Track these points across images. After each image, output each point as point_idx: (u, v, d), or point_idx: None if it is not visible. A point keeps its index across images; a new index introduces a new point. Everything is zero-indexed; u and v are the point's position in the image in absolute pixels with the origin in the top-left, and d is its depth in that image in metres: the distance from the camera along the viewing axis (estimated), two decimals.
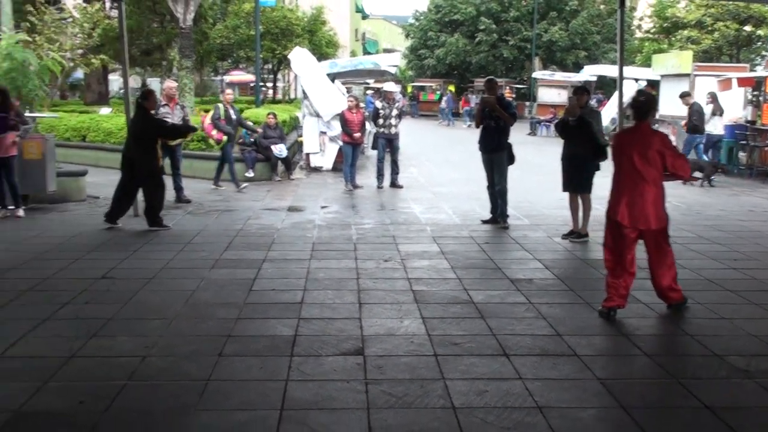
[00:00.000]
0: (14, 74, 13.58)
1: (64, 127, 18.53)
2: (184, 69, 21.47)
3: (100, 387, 4.33)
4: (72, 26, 26.12)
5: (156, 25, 32.78)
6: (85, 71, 30.20)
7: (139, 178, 9.24)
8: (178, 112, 11.59)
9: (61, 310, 5.83)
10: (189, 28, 21.38)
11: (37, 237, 8.83)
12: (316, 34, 37.52)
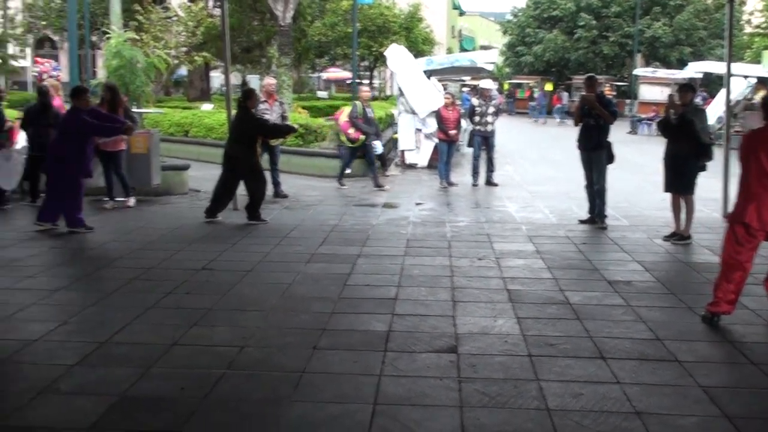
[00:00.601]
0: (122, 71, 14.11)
1: (168, 123, 19.16)
2: (282, 66, 21.86)
3: (200, 375, 4.46)
4: (177, 25, 27.00)
5: (256, 23, 33.50)
6: (189, 68, 31.15)
7: (240, 175, 9.48)
8: (277, 109, 11.80)
9: (164, 299, 6.03)
10: (288, 25, 21.74)
11: (142, 228, 9.17)
12: (412, 31, 37.60)
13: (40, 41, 48.92)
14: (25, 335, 5.13)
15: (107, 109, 10.21)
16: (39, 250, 7.93)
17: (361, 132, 12.91)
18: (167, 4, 27.34)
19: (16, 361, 4.67)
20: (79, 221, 8.78)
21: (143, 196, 11.05)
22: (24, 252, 7.76)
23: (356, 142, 13.01)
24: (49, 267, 7.30)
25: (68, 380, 4.35)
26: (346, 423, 3.88)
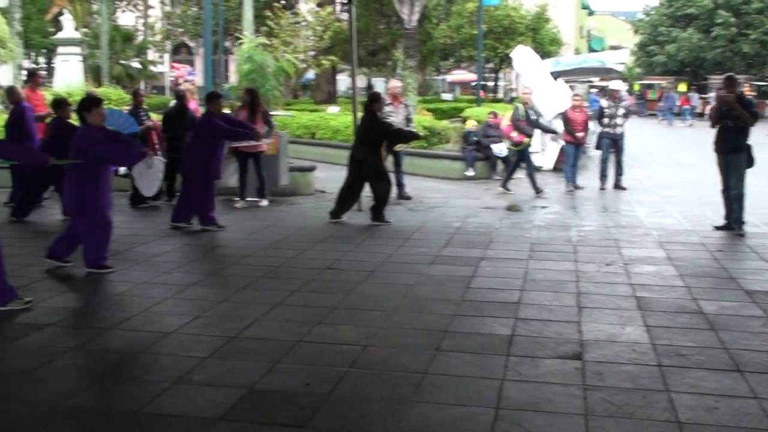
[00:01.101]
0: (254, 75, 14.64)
1: (296, 125, 19.65)
2: (408, 69, 22.00)
3: (324, 371, 4.55)
4: (305, 29, 27.67)
5: (382, 26, 33.91)
6: (316, 72, 31.90)
7: (365, 177, 9.61)
8: (402, 111, 11.89)
9: (290, 297, 6.19)
10: (413, 28, 21.86)
11: (270, 227, 9.45)
12: (539, 32, 37.04)
13: (177, 47, 51.27)
14: (162, 328, 5.39)
15: (247, 112, 10.62)
16: (174, 247, 8.31)
17: (525, 135, 12.55)
18: (297, 9, 28.05)
19: (153, 352, 4.91)
20: (211, 220, 9.14)
21: (271, 196, 11.37)
22: (161, 248, 8.16)
23: (520, 145, 12.63)
24: (184, 263, 7.64)
25: (200, 372, 4.54)
26: (469, 426, 3.86)
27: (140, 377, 4.49)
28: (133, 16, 45.20)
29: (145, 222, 9.67)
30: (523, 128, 12.51)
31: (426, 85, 43.14)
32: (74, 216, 7.11)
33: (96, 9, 38.59)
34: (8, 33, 27.87)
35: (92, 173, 6.80)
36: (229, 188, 11.45)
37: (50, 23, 41.37)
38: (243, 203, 10.94)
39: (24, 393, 4.27)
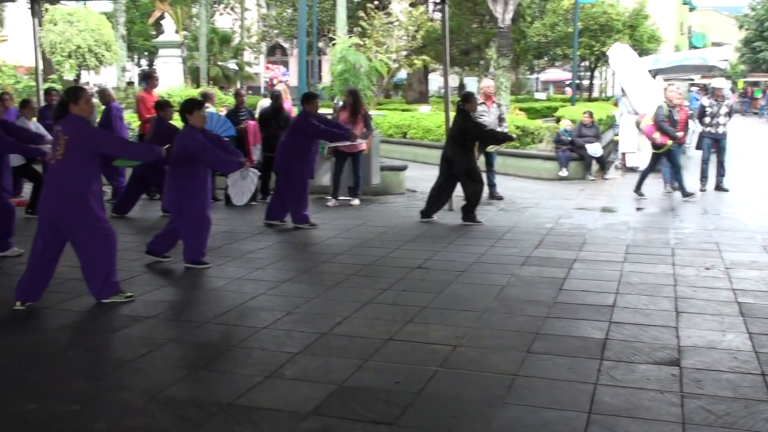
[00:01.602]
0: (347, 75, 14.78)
1: (388, 124, 19.75)
2: (501, 68, 21.81)
3: (414, 370, 4.55)
4: (398, 29, 27.77)
5: (475, 25, 33.71)
6: (408, 71, 31.97)
7: (457, 177, 9.57)
8: (495, 111, 11.78)
9: (381, 295, 6.22)
10: (507, 27, 21.65)
11: (362, 226, 9.52)
12: (637, 29, 36.03)
13: (272, 48, 52.29)
14: (255, 323, 5.51)
15: (349, 112, 10.75)
16: (268, 244, 8.48)
17: (669, 136, 11.78)
18: (389, 9, 28.18)
19: (247, 347, 5.01)
20: (304, 218, 9.28)
21: (363, 195, 11.45)
22: (255, 245, 8.33)
23: (663, 147, 11.92)
24: (277, 260, 7.78)
25: (292, 367, 4.61)
26: (561, 430, 3.79)
27: (234, 370, 4.59)
28: (230, 18, 46.36)
29: (240, 219, 9.90)
30: (667, 129, 11.76)
31: (519, 84, 42.70)
32: (174, 213, 7.33)
33: (195, 12, 39.76)
34: (113, 36, 29.02)
35: (192, 173, 7.00)
36: (322, 187, 11.61)
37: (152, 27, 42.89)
38: (335, 202, 11.07)
39: (127, 382, 4.43)
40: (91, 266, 5.91)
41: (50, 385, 4.37)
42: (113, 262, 5.99)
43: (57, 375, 4.56)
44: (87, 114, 5.96)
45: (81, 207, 5.72)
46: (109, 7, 33.99)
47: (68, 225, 5.77)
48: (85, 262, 5.91)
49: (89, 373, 4.60)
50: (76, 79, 27.65)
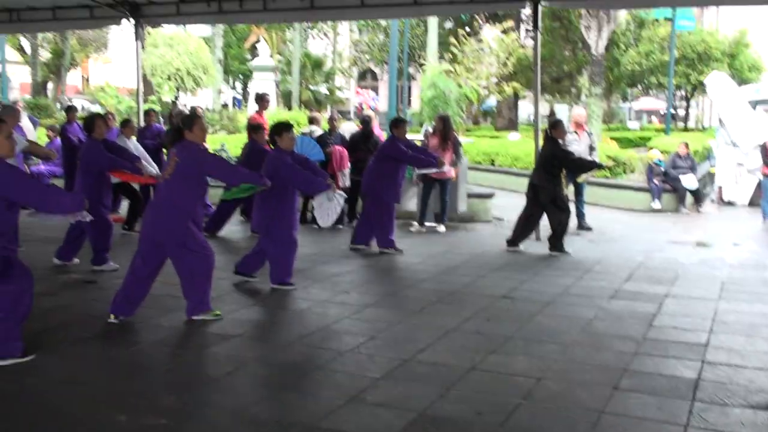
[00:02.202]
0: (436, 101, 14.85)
1: (476, 151, 19.70)
2: (593, 96, 21.51)
3: (496, 401, 4.49)
4: (488, 56, 27.76)
5: (567, 52, 33.36)
6: (498, 98, 31.86)
7: (543, 205, 9.44)
8: (585, 139, 11.61)
9: (464, 324, 6.17)
10: (601, 54, 21.37)
11: (447, 252, 9.49)
12: (737, 57, 34.96)
13: (363, 73, 52.99)
14: (339, 346, 5.55)
15: (439, 138, 10.78)
16: (352, 268, 8.54)
17: None
18: (481, 36, 28.19)
19: (330, 369, 5.05)
20: (389, 243, 9.31)
21: (449, 222, 11.43)
22: (340, 268, 8.41)
23: None
24: (361, 284, 7.82)
25: (374, 392, 4.62)
26: None
27: (317, 392, 4.63)
28: (323, 43, 47.28)
29: (326, 243, 10.01)
30: None
31: (611, 112, 41.95)
32: (262, 234, 7.48)
33: (289, 37, 40.73)
34: (210, 60, 29.97)
35: (279, 194, 7.14)
36: (408, 212, 11.65)
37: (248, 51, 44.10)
38: (420, 228, 11.08)
39: (213, 398, 4.52)
40: (189, 285, 6.10)
41: (140, 398, 4.50)
42: (209, 282, 6.15)
43: (147, 388, 4.69)
44: (200, 140, 6.20)
45: (182, 227, 5.91)
46: (207, 31, 35.16)
47: (169, 244, 5.96)
48: (184, 280, 6.10)
49: (177, 388, 4.71)
50: (174, 100, 28.63)
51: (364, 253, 9.34)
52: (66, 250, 8.30)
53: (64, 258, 8.30)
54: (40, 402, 4.46)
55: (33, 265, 8.19)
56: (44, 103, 32.63)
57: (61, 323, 6.08)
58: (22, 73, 45.37)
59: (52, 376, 4.86)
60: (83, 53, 47.58)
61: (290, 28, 38.52)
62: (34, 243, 9.43)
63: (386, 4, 10.30)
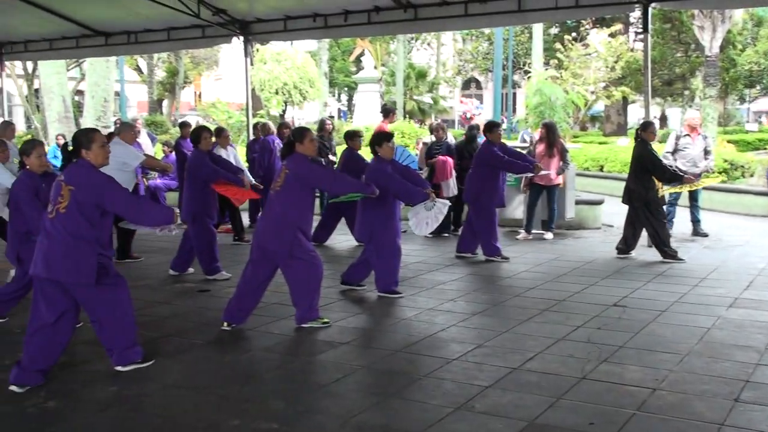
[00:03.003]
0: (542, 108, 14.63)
1: (584, 157, 19.29)
2: (707, 98, 20.73)
3: (609, 412, 4.36)
4: (596, 60, 27.18)
5: (679, 54, 32.30)
6: (606, 103, 31.13)
7: (636, 209, 9.17)
8: (700, 143, 11.17)
9: (574, 332, 6.04)
10: (715, 55, 20.58)
11: (555, 260, 9.32)
12: None
13: (467, 82, 52.85)
14: (446, 354, 5.52)
15: (545, 146, 10.63)
16: (459, 276, 8.50)
17: None
18: (587, 41, 27.64)
19: (437, 377, 5.03)
20: (495, 250, 9.22)
21: (556, 229, 11.23)
22: (447, 276, 8.38)
23: None
24: (468, 292, 7.77)
25: (482, 400, 4.57)
26: None
27: (424, 400, 4.61)
28: (427, 53, 47.43)
29: (432, 251, 10.01)
30: None
31: (727, 115, 40.31)
32: (366, 243, 7.54)
33: (393, 49, 41.06)
34: (317, 74, 30.55)
35: (381, 203, 7.19)
36: (515, 219, 11.52)
37: (353, 63, 44.73)
38: (526, 235, 10.92)
39: (321, 405, 4.58)
40: (298, 293, 6.23)
41: (251, 403, 4.61)
42: (318, 290, 6.26)
43: (257, 394, 4.80)
44: (311, 153, 6.32)
45: (291, 237, 6.04)
46: (313, 46, 35.90)
47: (279, 253, 6.10)
48: (293, 288, 6.23)
49: (287, 394, 4.80)
50: (281, 114, 29.33)
51: (470, 261, 9.28)
52: (180, 261, 8.61)
53: (178, 268, 8.62)
54: (157, 406, 4.64)
55: (150, 274, 8.62)
56: (160, 120, 34.05)
57: (176, 330, 6.31)
58: (140, 91, 47.57)
59: (168, 382, 5.05)
60: (196, 71, 49.43)
61: (394, 39, 38.84)
62: (151, 254, 9.87)
63: (490, 13, 10.23)
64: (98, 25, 12.92)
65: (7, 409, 4.59)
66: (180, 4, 10.79)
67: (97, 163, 5.04)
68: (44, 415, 4.52)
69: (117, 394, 4.83)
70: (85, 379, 5.09)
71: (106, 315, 5.07)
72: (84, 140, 5.01)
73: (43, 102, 24.65)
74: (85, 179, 4.90)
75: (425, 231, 7.61)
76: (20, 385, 4.84)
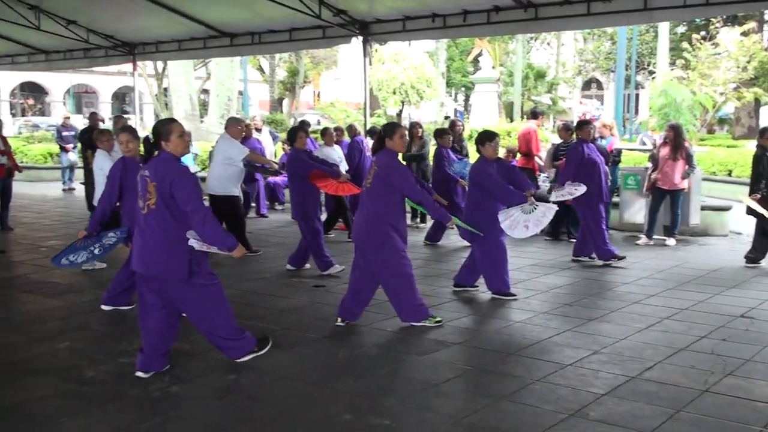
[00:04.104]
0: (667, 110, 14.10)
1: (711, 161, 18.48)
2: None
3: (733, 428, 4.16)
4: (726, 60, 26.00)
5: None
6: (736, 105, 29.75)
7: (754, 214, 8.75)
8: None
9: (697, 343, 5.80)
10: None
11: (677, 267, 8.97)
12: None
13: (587, 82, 51.65)
14: (560, 359, 5.41)
15: (669, 149, 10.26)
16: (575, 280, 8.31)
17: None
18: (717, 40, 26.47)
19: (550, 382, 4.93)
20: (608, 253, 8.98)
21: (679, 235, 10.81)
22: (562, 280, 8.22)
23: None
24: (584, 296, 7.58)
25: (597, 408, 4.45)
26: None
27: (537, 405, 4.54)
28: (546, 53, 46.64)
29: (547, 254, 9.84)
30: None
31: None
32: (472, 242, 7.49)
33: (512, 49, 40.61)
34: (434, 74, 30.59)
35: (485, 203, 7.19)
36: (635, 224, 11.18)
37: (470, 63, 44.55)
38: (647, 240, 10.56)
39: (432, 403, 4.58)
40: (390, 290, 6.28)
41: (363, 399, 4.66)
42: (411, 287, 6.24)
43: (369, 390, 4.85)
44: (400, 149, 6.33)
45: (379, 233, 6.06)
46: (431, 46, 35.94)
47: (368, 249, 6.14)
48: (384, 285, 6.28)
49: (398, 391, 4.83)
50: (398, 113, 29.53)
51: (586, 265, 9.06)
52: (297, 257, 8.80)
53: (295, 264, 8.81)
54: (272, 396, 4.76)
55: (268, 268, 8.86)
56: (280, 119, 34.92)
57: (292, 324, 6.45)
58: (261, 90, 49.00)
59: (283, 373, 5.17)
60: (315, 71, 50.45)
61: (513, 39, 38.40)
62: (269, 248, 10.13)
63: (614, 11, 9.93)
64: (224, 26, 13.37)
65: (134, 392, 4.83)
66: (302, 5, 11.02)
67: (177, 153, 5.07)
68: (168, 399, 4.73)
69: (235, 383, 4.99)
70: (206, 367, 5.28)
71: (199, 311, 5.14)
72: (163, 131, 5.05)
73: (171, 100, 25.77)
74: (164, 173, 4.91)
75: (523, 234, 7.42)
76: (145, 371, 5.07)
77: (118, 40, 15.04)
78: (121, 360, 5.45)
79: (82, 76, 47.90)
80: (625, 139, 24.71)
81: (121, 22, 13.92)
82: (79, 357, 5.57)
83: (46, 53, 16.68)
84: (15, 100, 50.91)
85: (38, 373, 5.22)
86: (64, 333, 6.21)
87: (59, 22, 13.80)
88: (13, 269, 9.07)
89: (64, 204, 16.11)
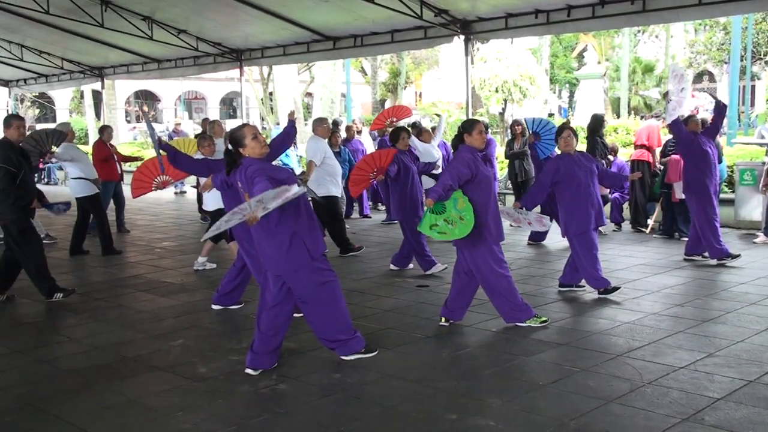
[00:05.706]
0: None
1: None
2: None
3: None
4: None
5: None
6: None
7: None
8: None
9: None
10: None
11: None
12: None
13: (699, 75, 49.70)
14: (672, 361, 5.23)
15: None
16: (687, 280, 8.02)
17: None
18: None
19: (662, 385, 4.77)
20: (720, 251, 8.61)
21: None
22: (674, 280, 7.94)
23: None
24: (697, 297, 7.29)
25: (713, 413, 4.28)
26: None
27: (648, 408, 4.40)
28: (655, 46, 45.21)
29: (658, 253, 9.53)
30: None
31: None
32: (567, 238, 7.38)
33: (618, 43, 39.59)
34: (537, 70, 30.13)
35: (569, 196, 7.12)
36: (752, 221, 10.72)
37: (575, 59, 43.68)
38: (765, 239, 10.07)
39: (539, 405, 4.51)
40: (488, 290, 6.22)
41: (468, 399, 4.63)
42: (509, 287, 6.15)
43: (474, 390, 4.82)
44: (479, 145, 6.14)
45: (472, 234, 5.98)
46: (534, 42, 35.40)
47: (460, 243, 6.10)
48: (482, 285, 6.23)
49: (504, 391, 4.77)
50: (501, 112, 29.23)
51: (699, 265, 8.72)
52: (401, 257, 8.83)
53: (399, 264, 8.84)
54: (376, 395, 4.79)
55: (371, 268, 8.95)
56: None
57: (396, 323, 6.48)
58: (364, 92, 49.47)
59: (388, 372, 5.20)
60: (417, 71, 50.53)
61: (619, 33, 37.41)
62: (372, 248, 10.23)
63: (728, 0, 9.53)
64: (327, 30, 13.58)
65: (244, 388, 4.96)
66: (403, 6, 11.07)
67: (256, 155, 5.10)
68: (275, 396, 4.84)
69: (340, 382, 5.05)
70: (312, 366, 5.37)
71: (317, 306, 5.21)
72: (238, 138, 5.11)
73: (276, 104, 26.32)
74: (245, 178, 4.98)
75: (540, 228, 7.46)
76: (254, 369, 5.20)
77: (226, 47, 15.53)
78: (231, 357, 5.61)
79: (191, 82, 49.62)
80: (740, 132, 23.69)
81: (229, 29, 14.36)
82: (192, 354, 5.77)
83: (158, 62, 17.40)
84: (130, 108, 53.17)
85: (155, 369, 5.43)
86: (178, 331, 6.44)
87: (170, 32, 14.37)
88: (130, 269, 9.47)
89: (176, 207, 16.75)
